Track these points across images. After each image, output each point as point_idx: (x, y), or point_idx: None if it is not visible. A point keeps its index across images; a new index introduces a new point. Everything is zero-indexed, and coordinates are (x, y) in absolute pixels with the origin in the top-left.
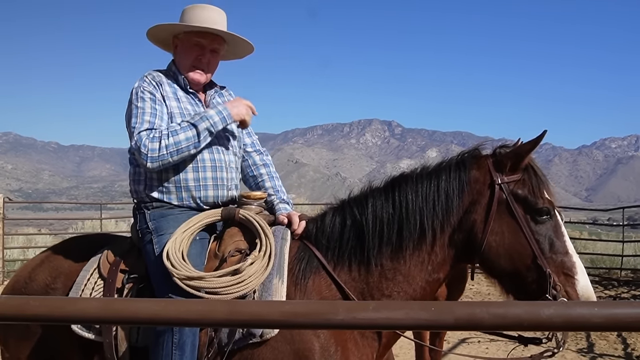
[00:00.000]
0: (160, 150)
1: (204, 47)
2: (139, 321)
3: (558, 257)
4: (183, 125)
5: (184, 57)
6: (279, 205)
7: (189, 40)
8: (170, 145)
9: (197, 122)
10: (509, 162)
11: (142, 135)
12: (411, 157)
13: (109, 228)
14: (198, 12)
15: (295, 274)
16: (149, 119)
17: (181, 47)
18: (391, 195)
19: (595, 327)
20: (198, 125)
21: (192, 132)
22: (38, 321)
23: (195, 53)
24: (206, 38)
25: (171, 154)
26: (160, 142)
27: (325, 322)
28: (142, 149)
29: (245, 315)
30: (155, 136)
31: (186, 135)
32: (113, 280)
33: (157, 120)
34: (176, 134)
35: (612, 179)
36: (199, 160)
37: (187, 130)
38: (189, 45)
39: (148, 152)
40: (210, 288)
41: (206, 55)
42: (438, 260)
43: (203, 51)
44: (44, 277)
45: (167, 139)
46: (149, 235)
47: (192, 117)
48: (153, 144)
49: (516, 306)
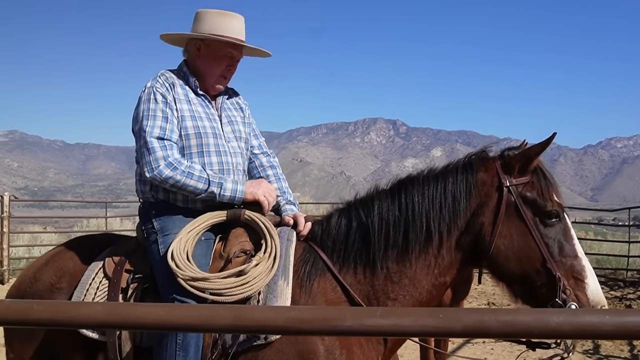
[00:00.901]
0: (167, 180)
1: (234, 57)
2: (144, 326)
3: (567, 261)
4: (201, 175)
5: (213, 65)
6: (285, 206)
7: (221, 50)
8: (178, 182)
9: (212, 182)
10: (518, 164)
11: (154, 146)
12: (416, 156)
13: (114, 226)
14: (229, 21)
15: (300, 275)
16: (160, 123)
17: (209, 54)
18: (397, 197)
19: (606, 335)
20: (211, 186)
21: (202, 186)
22: (41, 325)
23: (226, 63)
24: (238, 50)
25: (172, 186)
26: (173, 172)
27: (332, 329)
28: (153, 162)
29: (250, 321)
30: (171, 162)
31: (196, 185)
32: (118, 280)
33: (168, 125)
34: (190, 177)
35: (618, 178)
36: (206, 164)
37: (199, 182)
38: (220, 55)
39: (155, 169)
40: (215, 289)
41: (234, 66)
42: (445, 263)
43: (233, 62)
44: (49, 276)
45: (180, 175)
46: (154, 235)
47: (212, 174)
48: (166, 170)
49: (525, 314)
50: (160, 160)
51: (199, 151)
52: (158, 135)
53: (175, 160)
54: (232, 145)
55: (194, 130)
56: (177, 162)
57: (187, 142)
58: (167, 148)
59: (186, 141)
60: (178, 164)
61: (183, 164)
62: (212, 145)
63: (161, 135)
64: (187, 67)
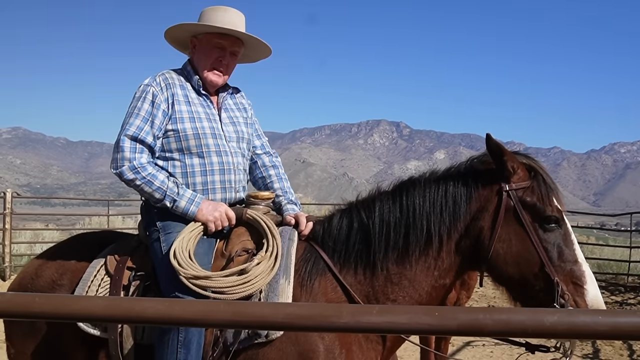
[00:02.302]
0: (128, 182)
1: (225, 48)
2: (144, 320)
3: (567, 266)
4: (160, 187)
5: (203, 57)
6: (286, 206)
7: (209, 41)
8: (137, 186)
9: (167, 197)
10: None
11: (124, 146)
12: (419, 159)
13: (116, 225)
14: (220, 14)
15: (301, 275)
16: (139, 123)
17: (200, 48)
18: (399, 199)
19: (599, 335)
20: (165, 200)
21: (158, 196)
22: (43, 318)
23: (216, 54)
24: (227, 40)
25: (133, 187)
26: (134, 175)
27: (328, 325)
28: (118, 161)
29: (250, 316)
30: (135, 166)
31: (152, 194)
32: (120, 277)
33: (146, 126)
34: (148, 185)
35: (621, 183)
36: (207, 164)
37: (156, 192)
38: (209, 46)
39: (118, 168)
40: (217, 287)
41: (226, 57)
42: (444, 266)
43: (223, 53)
44: (51, 273)
45: (140, 180)
46: (156, 233)
47: (171, 187)
48: (128, 172)
49: (519, 313)
50: (125, 162)
51: (199, 152)
52: (132, 135)
53: (139, 164)
54: (233, 145)
55: (193, 131)
56: (141, 167)
57: (186, 143)
58: (136, 150)
59: (185, 142)
60: (141, 169)
61: (146, 170)
62: (212, 145)
63: (135, 134)
64: (191, 65)
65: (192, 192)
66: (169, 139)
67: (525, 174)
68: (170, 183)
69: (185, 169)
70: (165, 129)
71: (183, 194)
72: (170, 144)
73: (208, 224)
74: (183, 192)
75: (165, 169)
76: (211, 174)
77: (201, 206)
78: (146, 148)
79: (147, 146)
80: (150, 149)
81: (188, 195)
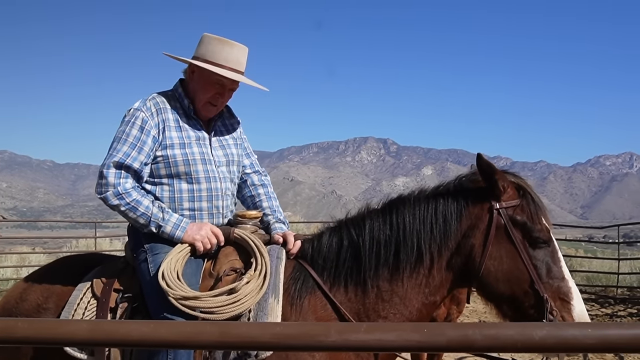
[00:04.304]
0: (113, 207)
1: (225, 86)
2: (130, 343)
3: (555, 283)
4: (144, 212)
5: (200, 89)
6: (274, 224)
7: (210, 77)
8: (122, 212)
9: (152, 223)
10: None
11: (109, 172)
12: (407, 175)
13: (104, 246)
14: (226, 50)
15: (290, 293)
16: (126, 149)
17: (199, 78)
18: (389, 217)
19: (588, 348)
20: (150, 225)
21: (143, 222)
22: (27, 343)
23: (214, 91)
24: (228, 79)
25: (119, 212)
26: (118, 202)
27: (317, 344)
28: (103, 187)
29: (236, 337)
30: (119, 192)
31: (137, 220)
32: (107, 299)
33: (133, 152)
34: (133, 212)
35: (607, 196)
36: (195, 190)
37: (141, 218)
38: (209, 82)
39: (103, 193)
40: (206, 308)
41: (224, 95)
42: (435, 283)
43: (222, 90)
44: (36, 297)
45: (124, 207)
46: (144, 254)
47: (155, 213)
48: (112, 198)
49: (509, 327)
50: (110, 187)
51: (188, 178)
52: (118, 161)
53: (124, 190)
54: (222, 170)
55: (183, 157)
56: (125, 193)
57: (175, 169)
58: (121, 176)
59: (174, 168)
60: (126, 195)
61: (130, 196)
62: (201, 171)
63: (121, 160)
64: (183, 88)
65: (177, 217)
66: (159, 164)
67: (514, 193)
68: (154, 209)
69: (174, 194)
70: (155, 154)
71: (168, 219)
72: (160, 170)
73: (195, 243)
74: (169, 217)
75: (153, 193)
76: (199, 200)
77: (187, 229)
78: (131, 174)
79: (133, 172)
80: (137, 174)
81: (174, 221)
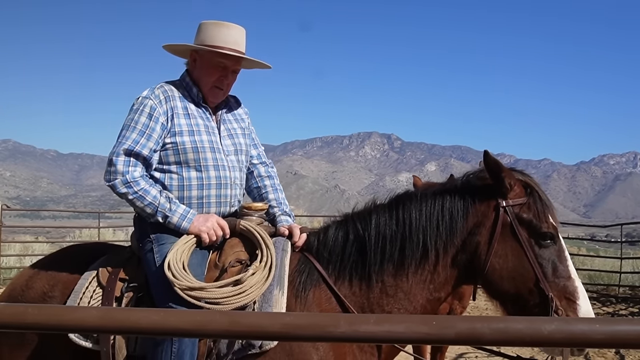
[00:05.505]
0: (120, 195)
1: (227, 68)
2: (139, 331)
3: (561, 282)
4: (152, 202)
5: (204, 75)
6: (280, 217)
7: (211, 60)
8: (129, 200)
9: (159, 212)
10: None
11: (118, 159)
12: (410, 171)
13: (107, 237)
14: (224, 32)
15: (295, 286)
16: (135, 136)
17: (202, 64)
18: (395, 212)
19: (596, 343)
20: (157, 215)
21: (149, 211)
22: (36, 329)
23: (218, 74)
24: (230, 59)
25: (126, 200)
26: (126, 190)
27: (326, 335)
28: (112, 174)
29: (246, 326)
30: (127, 180)
31: (144, 209)
32: (112, 288)
33: (142, 139)
34: (140, 200)
35: (610, 195)
36: (204, 178)
37: (148, 207)
38: (211, 65)
39: (112, 181)
40: (212, 298)
41: (228, 77)
42: (440, 279)
43: (226, 72)
44: (42, 285)
45: (132, 195)
46: (149, 245)
47: (162, 203)
48: (121, 186)
49: (517, 321)
50: (118, 175)
51: (197, 165)
52: (127, 148)
53: (132, 179)
54: (231, 159)
55: (192, 145)
56: (133, 182)
57: (184, 157)
58: (130, 164)
59: (184, 155)
60: (134, 183)
61: (139, 185)
62: (210, 159)
63: (130, 148)
64: (190, 77)
65: (184, 208)
66: (167, 151)
67: (521, 191)
68: (162, 199)
69: (182, 182)
70: (164, 142)
71: (175, 210)
72: (169, 157)
73: (201, 234)
74: (175, 207)
75: (162, 181)
76: (207, 188)
77: (194, 220)
78: (140, 162)
79: (142, 160)
80: (146, 162)
81: (180, 212)
